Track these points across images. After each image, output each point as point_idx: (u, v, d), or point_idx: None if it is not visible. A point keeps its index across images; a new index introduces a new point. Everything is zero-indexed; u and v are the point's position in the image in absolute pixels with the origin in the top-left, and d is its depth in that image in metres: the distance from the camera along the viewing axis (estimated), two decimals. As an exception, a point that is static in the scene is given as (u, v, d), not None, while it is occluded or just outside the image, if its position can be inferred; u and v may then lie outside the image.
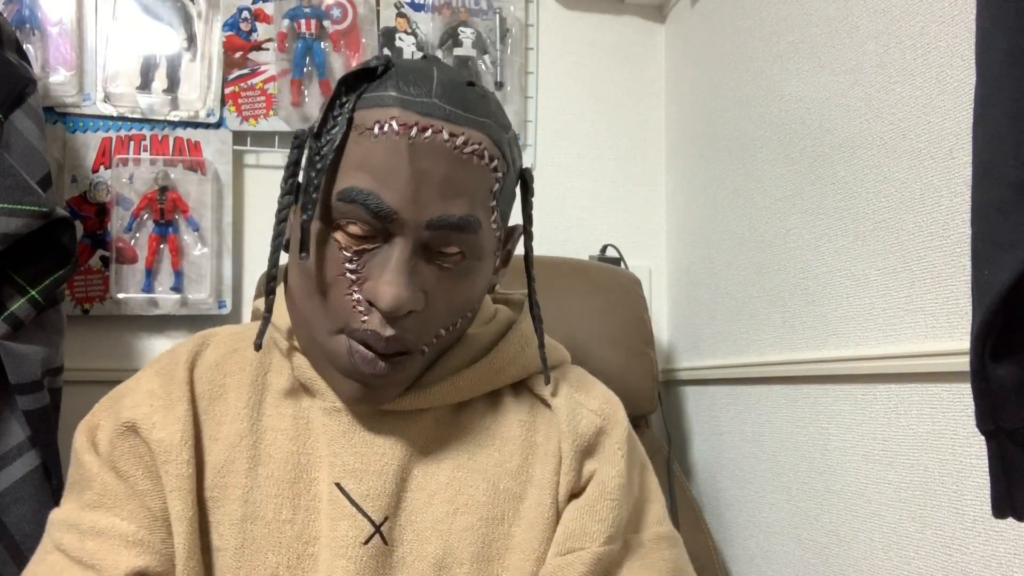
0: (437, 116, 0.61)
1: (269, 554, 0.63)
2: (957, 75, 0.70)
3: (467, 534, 0.65)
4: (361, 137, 0.61)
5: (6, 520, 0.89)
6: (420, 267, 0.62)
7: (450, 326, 0.66)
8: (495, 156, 0.64)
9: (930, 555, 0.73)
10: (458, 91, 0.63)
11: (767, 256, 1.04)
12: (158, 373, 0.68)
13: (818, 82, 0.92)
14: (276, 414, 0.68)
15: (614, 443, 0.70)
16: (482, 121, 0.63)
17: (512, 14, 1.36)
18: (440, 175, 0.60)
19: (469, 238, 0.62)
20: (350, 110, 0.62)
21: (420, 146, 0.60)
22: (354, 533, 0.63)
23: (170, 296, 1.21)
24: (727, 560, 1.13)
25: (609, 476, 0.68)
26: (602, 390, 0.75)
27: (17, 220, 0.88)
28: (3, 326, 0.90)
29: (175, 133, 1.24)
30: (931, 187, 0.74)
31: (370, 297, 0.61)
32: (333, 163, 0.62)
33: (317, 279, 0.63)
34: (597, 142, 1.41)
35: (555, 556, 0.65)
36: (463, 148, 0.61)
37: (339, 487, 0.64)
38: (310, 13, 1.28)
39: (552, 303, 1.10)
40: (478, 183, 0.63)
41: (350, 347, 0.62)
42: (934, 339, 0.73)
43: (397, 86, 0.62)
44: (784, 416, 0.99)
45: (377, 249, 0.62)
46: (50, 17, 1.21)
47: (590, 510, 0.66)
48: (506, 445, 0.69)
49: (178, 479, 0.64)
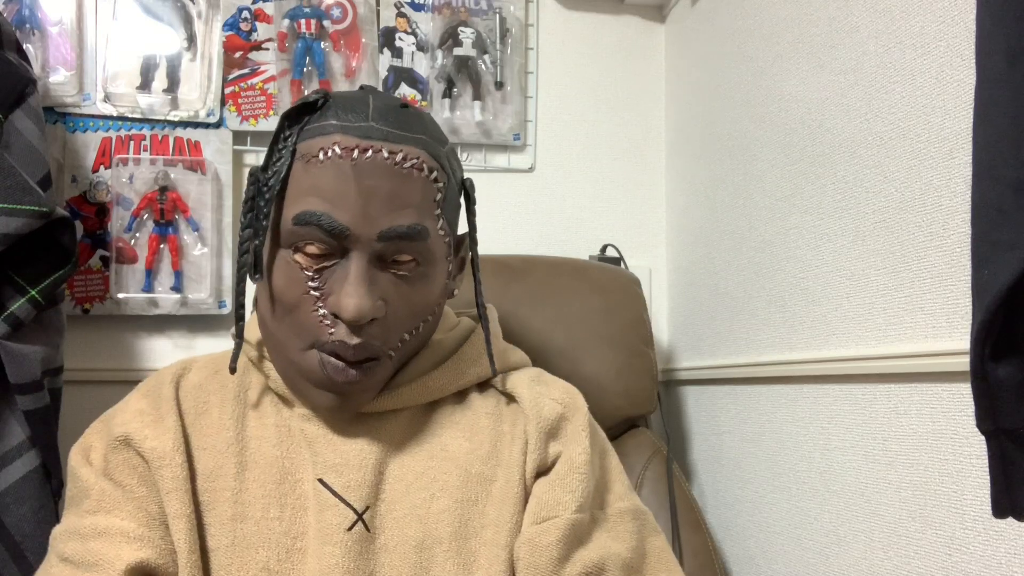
0: (376, 137, 0.67)
1: (259, 550, 0.67)
2: (957, 75, 0.70)
3: (444, 516, 0.70)
4: (308, 165, 0.67)
5: (6, 520, 0.89)
6: (377, 277, 0.67)
7: (413, 330, 0.71)
8: (434, 168, 0.69)
9: (930, 555, 0.73)
10: (393, 113, 0.69)
11: (767, 256, 1.04)
12: (145, 395, 0.74)
13: (818, 82, 0.92)
14: (259, 424, 0.73)
15: (577, 427, 0.76)
16: (418, 137, 0.69)
17: (512, 14, 1.36)
18: (385, 190, 0.66)
19: (419, 246, 0.68)
20: (294, 142, 0.68)
21: (363, 166, 0.66)
22: (338, 521, 0.68)
23: (170, 296, 1.21)
24: (727, 560, 1.13)
25: (576, 453, 0.74)
26: (562, 384, 0.81)
27: (17, 220, 0.88)
28: (3, 326, 0.90)
29: (175, 133, 1.24)
30: (931, 187, 0.74)
31: (334, 310, 0.66)
32: (280, 192, 0.68)
33: (285, 301, 0.68)
34: (597, 142, 1.41)
35: (531, 525, 0.71)
36: (403, 163, 0.67)
37: (322, 482, 0.69)
38: (310, 13, 1.28)
39: (552, 303, 1.10)
40: (421, 194, 0.68)
41: (321, 360, 0.67)
42: (934, 339, 0.73)
43: (336, 115, 0.68)
44: (784, 416, 0.99)
45: (335, 265, 0.67)
46: (50, 17, 1.21)
47: (561, 483, 0.72)
48: (476, 435, 0.75)
49: (173, 480, 0.68)
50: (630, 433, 1.14)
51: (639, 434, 1.13)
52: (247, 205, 0.71)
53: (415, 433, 0.74)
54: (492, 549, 0.70)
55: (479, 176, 1.37)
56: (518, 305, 1.09)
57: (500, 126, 1.34)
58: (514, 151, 1.37)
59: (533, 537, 0.70)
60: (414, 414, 0.75)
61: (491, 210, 1.36)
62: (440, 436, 0.74)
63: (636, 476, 1.07)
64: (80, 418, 1.09)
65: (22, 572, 0.89)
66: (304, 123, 0.69)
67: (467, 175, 1.36)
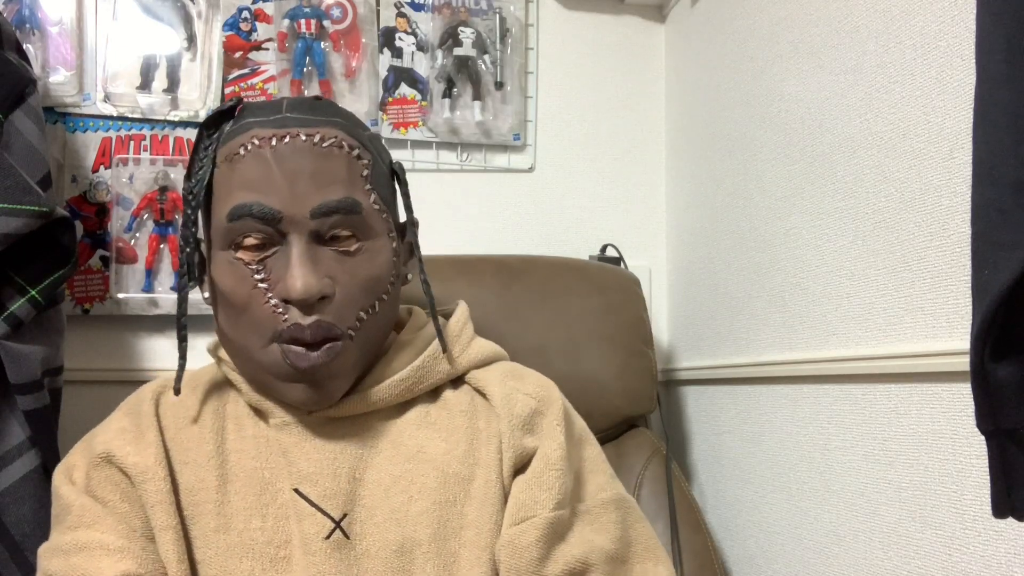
0: (291, 125, 0.69)
1: (244, 560, 0.68)
2: (957, 75, 0.70)
3: (423, 518, 0.70)
4: (231, 164, 0.69)
5: (6, 520, 0.89)
6: (319, 255, 0.68)
7: (369, 308, 0.71)
8: (354, 146, 0.71)
9: (930, 555, 0.73)
10: (306, 103, 0.71)
11: (767, 256, 1.04)
12: (127, 413, 0.74)
13: (818, 82, 0.92)
14: (238, 437, 0.73)
15: (552, 420, 0.76)
16: (332, 120, 0.71)
17: (512, 14, 1.36)
18: (309, 170, 0.68)
19: (354, 219, 0.69)
20: (214, 149, 0.70)
21: (282, 151, 0.68)
22: (316, 530, 0.68)
23: (170, 296, 1.21)
24: (727, 560, 1.13)
25: (551, 449, 0.74)
26: (536, 377, 0.81)
27: (17, 220, 0.88)
28: (3, 326, 0.89)
29: (175, 133, 1.24)
30: (931, 187, 0.74)
31: (283, 295, 0.67)
32: (207, 197, 0.70)
33: (236, 301, 0.69)
34: (597, 142, 1.41)
35: (510, 526, 0.71)
36: (321, 144, 0.69)
37: (297, 492, 0.69)
38: (310, 13, 1.28)
39: (551, 303, 1.10)
40: (346, 170, 0.70)
41: (283, 351, 0.68)
42: (934, 339, 0.73)
43: (252, 115, 0.70)
44: (784, 416, 0.99)
45: (277, 253, 0.68)
46: (50, 17, 1.21)
47: (537, 481, 0.72)
48: (452, 435, 0.74)
49: (157, 494, 0.68)
50: (629, 433, 1.14)
51: (638, 434, 1.13)
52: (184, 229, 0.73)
53: (390, 436, 0.74)
54: (473, 551, 0.70)
55: (479, 176, 1.37)
56: (518, 305, 1.09)
57: (500, 126, 1.34)
58: (514, 151, 1.37)
59: (513, 539, 0.70)
60: (388, 416, 0.75)
61: (491, 210, 1.36)
62: (416, 438, 0.74)
63: (635, 476, 1.07)
64: (80, 418, 1.09)
65: (22, 572, 0.89)
66: (222, 129, 0.71)
67: (467, 175, 1.36)
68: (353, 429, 0.73)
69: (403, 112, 1.32)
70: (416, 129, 1.33)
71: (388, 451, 0.73)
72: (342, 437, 0.72)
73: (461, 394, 0.78)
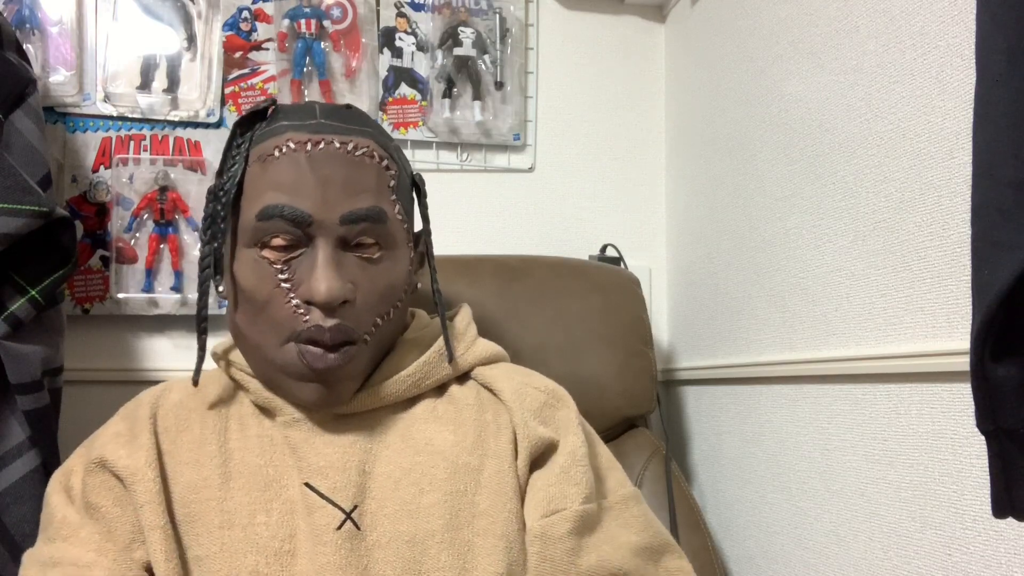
0: (326, 132, 0.71)
1: (248, 555, 0.68)
2: (957, 75, 0.70)
3: (434, 509, 0.71)
4: (264, 164, 0.70)
5: (6, 520, 0.89)
6: (344, 260, 0.70)
7: (384, 315, 0.73)
8: (384, 156, 0.73)
9: (930, 555, 0.73)
10: (339, 112, 0.73)
11: (767, 256, 1.04)
12: (124, 418, 0.76)
13: (818, 82, 0.92)
14: (241, 436, 0.74)
15: (571, 416, 0.79)
16: (365, 130, 0.73)
17: (512, 14, 1.36)
18: (341, 177, 0.70)
19: (379, 228, 0.71)
20: (247, 148, 0.71)
21: (317, 156, 0.69)
22: (326, 521, 0.69)
23: (170, 296, 1.22)
24: (727, 560, 1.13)
25: (576, 444, 0.76)
26: (541, 376, 0.83)
27: (17, 220, 0.88)
28: (3, 326, 0.89)
29: (175, 133, 1.24)
30: (931, 187, 0.74)
31: (306, 296, 0.68)
32: (238, 194, 0.71)
33: (256, 298, 0.70)
34: (597, 142, 1.41)
35: (540, 519, 0.72)
36: (354, 152, 0.71)
37: (308, 485, 0.70)
38: (310, 13, 1.28)
39: (551, 303, 1.10)
40: (376, 179, 0.72)
41: (299, 351, 0.69)
42: (934, 339, 0.73)
43: (287, 117, 0.72)
44: (784, 416, 0.99)
45: (302, 255, 0.69)
46: (50, 17, 1.20)
47: (565, 475, 0.74)
48: (460, 427, 0.76)
49: (146, 493, 0.69)
50: (629, 433, 1.14)
51: (638, 434, 1.13)
52: (207, 222, 0.74)
53: (399, 429, 0.75)
54: (488, 539, 0.71)
55: (479, 176, 1.37)
56: (518, 305, 1.09)
57: (500, 126, 1.34)
58: (514, 151, 1.37)
59: (545, 530, 0.71)
60: (395, 411, 0.76)
61: (491, 210, 1.36)
62: (424, 431, 0.75)
63: (635, 476, 1.07)
64: (80, 418, 1.09)
65: (22, 572, 0.89)
66: (255, 129, 0.72)
67: (467, 175, 1.36)
68: (362, 424, 0.74)
69: (403, 112, 1.32)
70: (416, 129, 1.33)
71: (397, 444, 0.74)
72: (351, 432, 0.73)
73: (467, 389, 0.80)
